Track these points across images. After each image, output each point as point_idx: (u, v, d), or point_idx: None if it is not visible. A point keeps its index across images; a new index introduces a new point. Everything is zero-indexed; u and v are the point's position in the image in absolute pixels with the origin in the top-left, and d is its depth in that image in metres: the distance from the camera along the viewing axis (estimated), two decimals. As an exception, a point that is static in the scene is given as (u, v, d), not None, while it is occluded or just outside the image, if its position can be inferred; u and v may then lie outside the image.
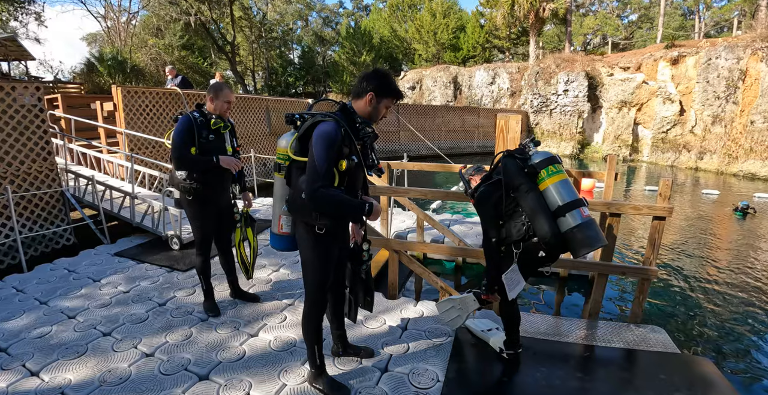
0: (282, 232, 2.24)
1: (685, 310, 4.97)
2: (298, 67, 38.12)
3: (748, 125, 17.11)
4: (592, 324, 3.25)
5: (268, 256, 4.41)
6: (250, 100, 10.70)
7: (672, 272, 6.10)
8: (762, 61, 16.75)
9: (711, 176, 17.03)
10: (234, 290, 3.44)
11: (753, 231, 8.83)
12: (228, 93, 2.95)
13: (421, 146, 13.66)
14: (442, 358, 2.63)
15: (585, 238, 2.14)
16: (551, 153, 2.31)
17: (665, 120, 19.81)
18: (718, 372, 2.68)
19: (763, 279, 5.93)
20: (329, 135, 1.85)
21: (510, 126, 2.99)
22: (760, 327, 4.59)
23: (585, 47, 36.45)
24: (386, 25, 34.85)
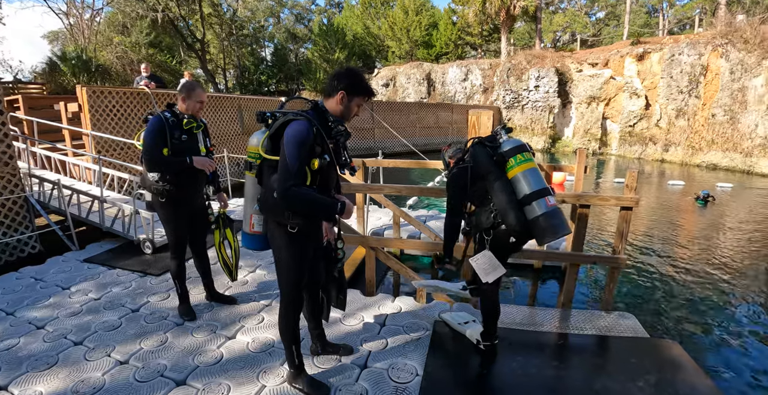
0: (254, 231, 2.22)
1: (653, 296, 5.17)
2: (271, 65, 37.63)
3: (709, 118, 17.85)
4: (565, 313, 3.35)
5: (245, 257, 4.36)
6: (222, 99, 10.51)
7: (641, 261, 6.33)
8: (722, 57, 17.48)
9: (676, 167, 17.70)
10: (210, 293, 3.39)
11: (713, 218, 9.26)
12: (200, 92, 2.90)
13: (396, 142, 13.69)
14: (421, 352, 2.67)
15: (550, 226, 2.19)
16: (521, 141, 2.35)
17: (632, 114, 20.47)
18: (685, 354, 2.80)
19: (724, 264, 6.22)
20: (301, 134, 1.84)
21: (482, 121, 3.06)
22: (722, 309, 4.81)
23: (555, 44, 37.23)
24: (359, 22, 34.76)
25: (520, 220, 2.24)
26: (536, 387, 2.43)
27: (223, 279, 3.77)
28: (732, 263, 6.33)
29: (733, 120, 17.02)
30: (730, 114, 17.15)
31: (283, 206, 1.91)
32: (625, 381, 2.49)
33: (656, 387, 2.44)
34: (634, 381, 2.49)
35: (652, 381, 2.50)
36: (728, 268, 6.09)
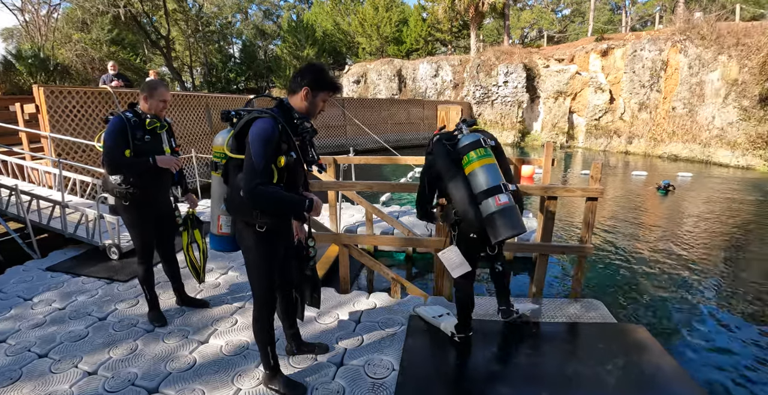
0: (221, 232, 2.19)
1: (620, 283, 5.37)
2: (239, 62, 36.89)
3: (670, 111, 18.59)
4: (537, 302, 3.44)
5: (216, 259, 4.28)
6: (188, 97, 10.24)
7: (608, 249, 6.56)
8: (681, 52, 18.21)
9: (639, 158, 18.37)
10: (180, 297, 3.31)
11: (674, 207, 9.70)
12: (163, 91, 2.81)
13: (368, 139, 13.67)
14: (397, 347, 2.69)
15: (501, 224, 2.20)
16: (477, 137, 2.33)
17: (597, 108, 21.11)
18: (651, 337, 2.92)
19: (685, 250, 6.52)
20: (266, 131, 1.82)
21: (451, 117, 3.08)
22: (684, 293, 5.05)
23: (523, 40, 37.90)
24: (329, 18, 34.45)
25: (476, 216, 2.27)
26: (510, 375, 2.49)
27: (194, 283, 3.69)
28: (692, 249, 6.64)
29: (692, 113, 17.77)
30: (689, 107, 17.90)
31: (250, 205, 1.88)
32: (595, 366, 2.58)
33: (624, 370, 2.54)
34: (603, 365, 2.58)
35: (619, 364, 2.60)
36: (689, 254, 6.38)
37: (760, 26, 16.14)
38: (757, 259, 6.38)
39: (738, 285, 5.38)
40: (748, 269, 5.97)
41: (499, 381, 2.43)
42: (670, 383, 2.44)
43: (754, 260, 6.32)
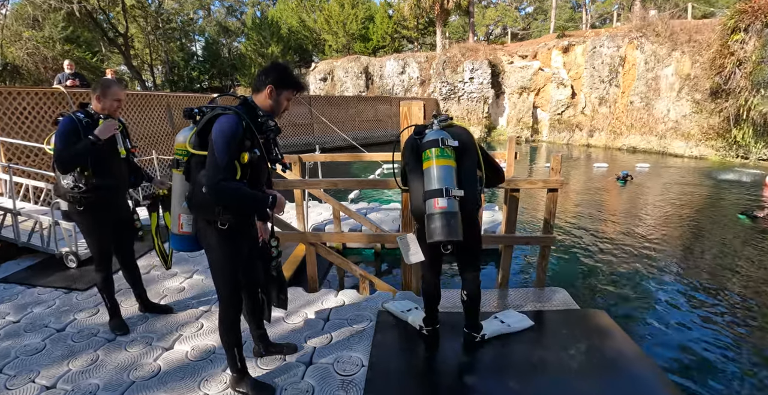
0: (182, 232, 2.15)
1: (583, 270, 5.57)
2: (202, 60, 35.90)
3: (628, 104, 19.35)
4: (503, 293, 3.53)
5: (179, 263, 4.17)
6: (148, 97, 9.89)
7: (571, 239, 6.78)
8: (637, 49, 18.96)
9: (600, 151, 19.06)
10: (143, 303, 3.21)
11: (633, 196, 10.15)
12: (117, 90, 2.70)
13: (336, 137, 13.57)
14: (366, 343, 2.70)
15: (434, 228, 2.19)
16: (439, 135, 2.28)
17: (560, 103, 21.74)
18: (611, 321, 3.04)
19: (644, 237, 6.82)
20: (230, 128, 1.81)
21: (413, 112, 3.10)
22: (643, 278, 5.29)
23: (488, 37, 38.51)
24: (294, 15, 33.95)
25: (422, 212, 2.28)
26: (477, 365, 2.55)
27: (157, 288, 3.59)
28: (650, 235, 6.95)
29: (649, 106, 18.56)
30: (645, 101, 18.68)
31: (212, 201, 1.87)
32: (559, 351, 2.67)
33: (586, 354, 2.63)
34: (567, 350, 2.67)
35: (582, 348, 2.70)
36: (647, 240, 6.69)
37: (710, 24, 16.98)
38: (709, 242, 6.75)
39: (692, 268, 5.68)
40: (702, 252, 6.31)
41: (466, 372, 2.48)
42: (630, 364, 2.54)
43: (706, 244, 6.69)
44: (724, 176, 12.70)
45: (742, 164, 14.49)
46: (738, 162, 14.84)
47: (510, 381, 2.37)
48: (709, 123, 16.08)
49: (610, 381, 2.40)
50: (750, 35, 13.69)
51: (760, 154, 14.42)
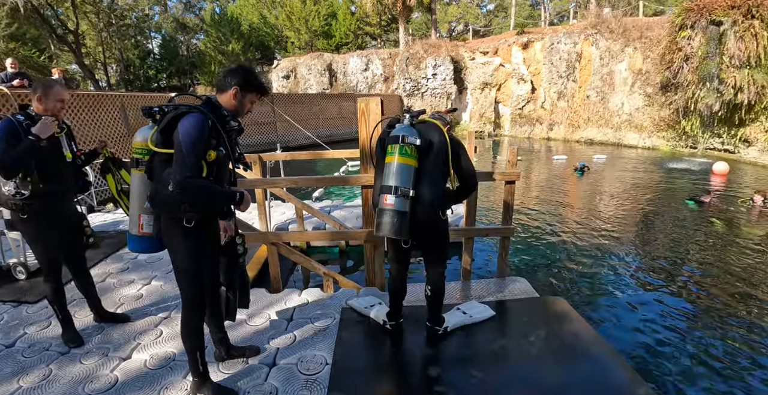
0: (143, 232, 2.11)
1: (543, 259, 5.75)
2: (159, 58, 34.59)
3: (585, 99, 20.06)
4: (466, 285, 3.60)
5: (137, 269, 4.03)
6: (101, 97, 9.43)
7: (532, 229, 6.98)
8: (593, 45, 19.66)
9: (560, 143, 19.69)
10: (98, 313, 3.08)
11: (589, 186, 10.59)
12: (59, 90, 2.56)
13: (299, 135, 13.34)
14: (330, 341, 2.70)
15: (380, 223, 2.26)
16: (402, 132, 2.28)
17: (520, 98, 22.30)
18: (570, 308, 3.16)
19: (600, 224, 7.10)
20: (197, 126, 1.83)
21: (370, 109, 3.10)
22: (600, 264, 5.51)
23: (450, 34, 38.95)
24: (255, 11, 33.21)
25: (376, 205, 2.33)
26: (440, 357, 2.59)
27: (113, 297, 3.45)
28: (606, 223, 7.25)
29: (604, 100, 19.31)
30: (601, 95, 19.42)
31: (179, 198, 1.86)
32: (519, 339, 2.76)
33: (546, 341, 2.73)
34: (527, 338, 2.76)
35: (542, 335, 2.79)
36: (604, 228, 6.97)
37: (660, 21, 17.82)
38: (661, 228, 7.11)
39: (646, 254, 5.97)
40: (654, 238, 6.64)
41: (430, 364, 2.52)
42: (587, 348, 2.65)
43: (658, 230, 7.04)
44: (674, 165, 13.40)
45: (691, 154, 15.33)
46: (687, 152, 15.68)
47: (473, 371, 2.43)
48: (660, 115, 16.90)
49: (568, 366, 2.50)
50: (696, 32, 14.44)
51: (707, 144, 15.29)
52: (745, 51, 13.19)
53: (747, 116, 13.81)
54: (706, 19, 14.07)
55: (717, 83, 13.89)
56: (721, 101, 13.88)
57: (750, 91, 13.19)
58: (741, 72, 13.31)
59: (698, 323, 4.14)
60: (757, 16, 13.06)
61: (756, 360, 3.51)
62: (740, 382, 3.23)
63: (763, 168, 12.84)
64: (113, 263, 4.18)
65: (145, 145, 1.97)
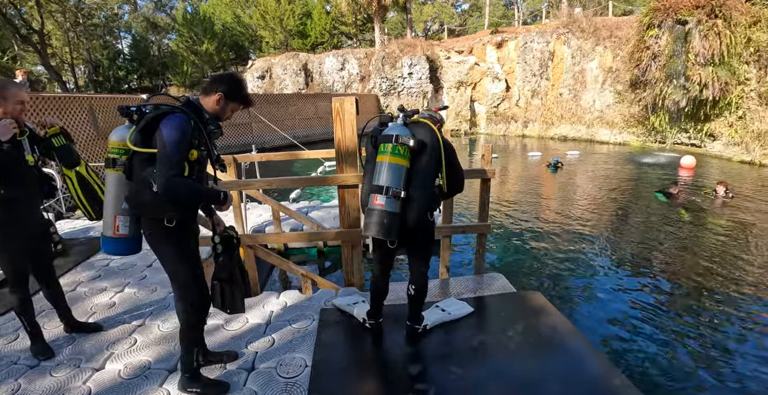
0: (119, 234, 2.08)
1: (520, 255, 5.86)
2: (130, 58, 33.64)
3: (558, 96, 20.47)
4: (444, 282, 3.62)
5: (109, 277, 3.92)
6: (68, 100, 9.11)
7: (508, 225, 7.09)
8: (564, 44, 20.08)
9: (534, 140, 20.05)
10: (69, 323, 2.97)
11: (563, 181, 10.83)
12: (16, 91, 2.45)
13: (276, 136, 13.13)
14: (309, 343, 2.68)
15: (368, 222, 2.24)
16: (393, 132, 2.25)
17: (495, 96, 22.59)
18: (547, 302, 3.21)
19: (574, 219, 7.27)
20: (181, 126, 1.86)
21: (345, 108, 3.09)
22: (574, 258, 5.63)
23: (426, 33, 39.17)
24: (228, 10, 32.65)
25: (366, 204, 2.32)
26: (420, 355, 2.60)
27: (85, 306, 3.35)
28: (580, 217, 7.42)
29: (576, 97, 19.75)
30: (573, 92, 19.86)
31: (164, 197, 1.87)
32: (498, 334, 2.79)
33: (523, 335, 2.77)
34: (505, 332, 2.80)
35: (519, 329, 2.83)
36: (578, 222, 7.13)
37: (629, 21, 18.37)
38: (632, 220, 7.34)
39: (618, 246, 6.14)
40: (626, 230, 6.84)
41: (410, 362, 2.53)
42: (564, 341, 2.70)
43: (630, 222, 7.25)
44: (644, 159, 13.83)
45: (659, 148, 15.84)
46: (656, 147, 16.19)
47: (452, 367, 2.45)
48: (630, 112, 17.39)
49: (545, 358, 2.55)
50: (663, 31, 14.93)
51: (675, 139, 15.82)
52: (709, 49, 13.71)
53: (712, 111, 14.36)
54: (672, 19, 14.56)
55: (683, 80, 14.40)
56: (687, 97, 14.39)
57: (714, 88, 13.72)
58: (705, 69, 13.82)
59: (669, 312, 4.29)
60: (720, 16, 13.59)
61: (725, 347, 3.66)
62: (711, 370, 3.36)
63: (727, 161, 13.38)
64: (84, 271, 4.05)
65: (122, 144, 1.97)
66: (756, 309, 4.29)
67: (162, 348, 2.72)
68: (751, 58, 13.69)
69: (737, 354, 3.56)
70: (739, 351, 3.61)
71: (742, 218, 7.28)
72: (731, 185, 8.88)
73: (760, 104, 13.38)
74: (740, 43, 13.55)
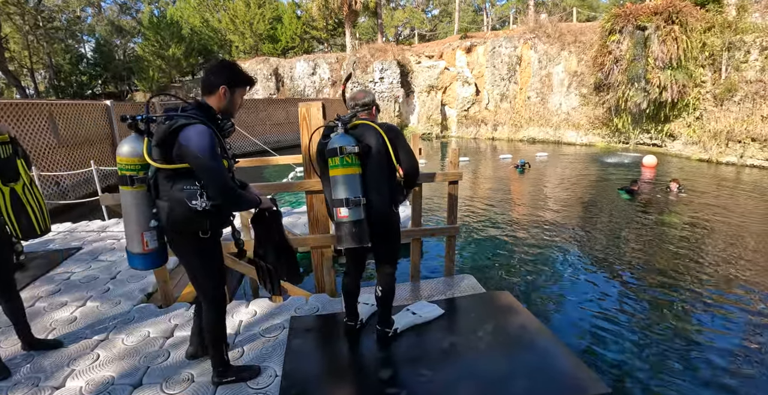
0: (148, 249, 2.02)
1: (489, 255, 5.96)
2: (93, 63, 32.50)
3: (526, 100, 20.97)
4: (415, 285, 3.65)
5: (70, 291, 3.76)
6: (25, 106, 8.72)
7: (477, 227, 7.20)
8: (531, 49, 20.62)
9: (504, 143, 20.46)
10: (26, 340, 2.84)
11: (530, 182, 11.13)
12: None
13: (246, 142, 12.90)
14: (279, 352, 2.65)
15: (339, 235, 2.28)
16: (339, 143, 2.22)
17: (465, 100, 22.96)
18: (515, 301, 3.27)
19: (541, 219, 7.45)
20: (207, 135, 1.81)
21: (312, 113, 3.08)
22: (542, 257, 5.77)
23: (397, 38, 39.47)
24: (196, 14, 31.96)
25: (332, 217, 2.34)
26: (392, 359, 2.61)
27: (44, 322, 3.20)
28: (547, 217, 7.61)
29: (544, 101, 20.29)
30: (541, 96, 20.39)
31: (225, 207, 1.97)
32: (468, 334, 2.82)
33: (493, 334, 2.81)
34: (475, 333, 2.83)
35: (489, 329, 2.88)
36: (545, 222, 7.31)
37: (592, 26, 19.03)
38: (597, 218, 7.58)
39: (585, 244, 6.33)
40: (592, 228, 7.05)
41: (381, 367, 2.53)
42: (533, 339, 2.76)
43: (595, 220, 7.49)
44: (609, 159, 14.33)
45: (623, 149, 16.44)
46: (620, 147, 16.79)
47: (423, 370, 2.47)
48: (595, 114, 17.99)
49: (516, 357, 2.60)
50: (624, 36, 15.55)
51: (638, 139, 16.45)
52: (667, 53, 14.37)
53: (671, 112, 15.03)
54: (633, 25, 15.19)
55: (644, 83, 15.02)
56: (648, 99, 15.02)
57: (673, 90, 14.38)
58: (664, 73, 14.47)
59: (635, 306, 4.45)
60: (677, 22, 14.29)
61: (688, 338, 3.83)
62: (676, 362, 3.49)
63: (687, 159, 14.01)
64: (43, 286, 3.88)
65: (139, 160, 1.88)
66: (711, 298, 4.51)
67: (126, 362, 2.63)
68: (706, 61, 14.43)
69: (701, 345, 3.73)
70: (701, 341, 3.78)
71: (694, 212, 7.69)
72: (683, 182, 9.37)
73: (716, 105, 14.09)
74: (696, 48, 14.26)
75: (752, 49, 13.53)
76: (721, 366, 3.41)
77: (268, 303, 3.30)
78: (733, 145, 13.10)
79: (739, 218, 7.32)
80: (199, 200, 1.86)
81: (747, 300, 4.46)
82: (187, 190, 1.86)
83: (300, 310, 3.22)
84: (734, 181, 10.84)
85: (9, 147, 2.48)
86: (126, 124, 1.90)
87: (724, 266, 5.32)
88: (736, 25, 13.84)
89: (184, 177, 1.87)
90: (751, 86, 13.21)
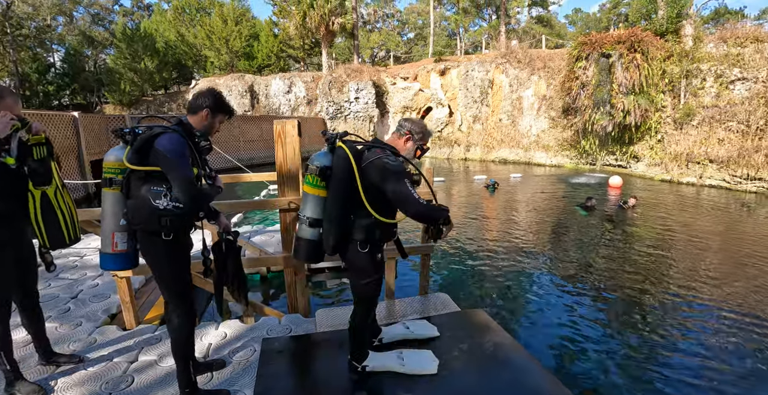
0: (117, 250, 2.14)
1: (462, 274, 6.00)
2: (62, 73, 31.60)
3: (498, 122, 21.61)
4: (390, 304, 3.61)
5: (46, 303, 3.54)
6: (-16, 118, 8.34)
7: (452, 245, 7.25)
8: (503, 73, 21.40)
9: (477, 164, 20.90)
10: (45, 355, 2.64)
11: (500, 202, 11.41)
12: None
13: (219, 158, 12.67)
14: (251, 375, 2.57)
15: (295, 247, 2.36)
16: (315, 162, 2.21)
17: (439, 121, 23.44)
18: (490, 318, 3.27)
19: (511, 237, 7.58)
20: (180, 144, 1.98)
21: (287, 131, 3.08)
22: (514, 275, 5.85)
23: (373, 60, 40.22)
24: (172, 28, 31.67)
25: None
26: (367, 380, 2.55)
27: None
28: (517, 235, 7.76)
29: (515, 123, 20.95)
30: (512, 118, 21.06)
31: (192, 208, 2.06)
32: (444, 354, 2.78)
33: (469, 353, 2.79)
34: (451, 352, 2.80)
35: (465, 348, 2.84)
36: (516, 240, 7.45)
37: (560, 53, 20.01)
38: (564, 235, 7.80)
39: (554, 259, 6.48)
40: (558, 244, 7.25)
41: (357, 389, 2.46)
42: (508, 356, 2.76)
43: (562, 236, 7.70)
44: (576, 180, 14.82)
45: (591, 170, 17.05)
46: (588, 168, 17.42)
47: (398, 390, 2.43)
48: (563, 136, 18.67)
49: (491, 375, 2.58)
50: (590, 63, 16.40)
51: (604, 160, 17.13)
52: (630, 79, 15.20)
53: (635, 135, 15.80)
54: (598, 52, 16.04)
55: (609, 107, 15.79)
56: (613, 122, 15.74)
57: (636, 114, 15.16)
58: (628, 98, 15.26)
59: (606, 320, 4.57)
60: (639, 50, 15.22)
61: (659, 351, 3.93)
62: (649, 373, 3.58)
63: (650, 180, 14.66)
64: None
65: (119, 164, 2.06)
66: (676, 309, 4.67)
67: (87, 388, 2.47)
68: (666, 87, 15.32)
69: (670, 357, 3.83)
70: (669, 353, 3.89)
71: (656, 230, 8.08)
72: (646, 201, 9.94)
73: (676, 128, 14.89)
74: (656, 75, 15.15)
75: (708, 76, 14.48)
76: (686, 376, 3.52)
77: (239, 325, 3.20)
78: (692, 166, 13.83)
79: (698, 235, 7.69)
80: (163, 200, 1.99)
81: (707, 312, 4.69)
82: (153, 191, 2.00)
83: (272, 331, 3.13)
84: (694, 199, 11.41)
85: (44, 148, 2.26)
86: (116, 135, 2.07)
87: (684, 280, 5.58)
88: (692, 54, 14.82)
89: (156, 180, 2.00)
90: (708, 111, 14.07)
